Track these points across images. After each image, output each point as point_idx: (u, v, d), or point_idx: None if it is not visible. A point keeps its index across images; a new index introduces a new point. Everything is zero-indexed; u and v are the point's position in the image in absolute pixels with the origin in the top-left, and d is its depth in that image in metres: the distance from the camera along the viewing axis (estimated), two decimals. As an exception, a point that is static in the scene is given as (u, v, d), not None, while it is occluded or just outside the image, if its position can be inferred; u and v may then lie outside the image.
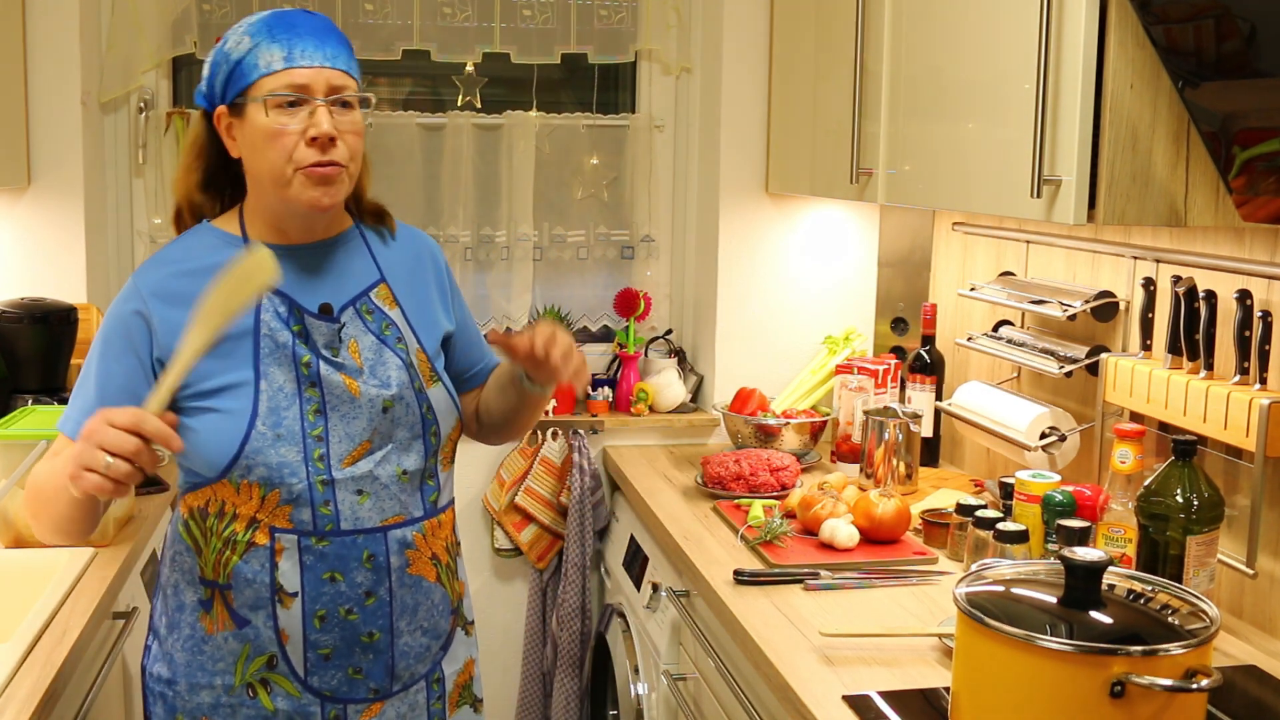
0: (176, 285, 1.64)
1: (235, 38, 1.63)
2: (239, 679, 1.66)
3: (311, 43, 1.61)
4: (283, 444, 1.61)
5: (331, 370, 1.65)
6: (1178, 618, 1.42)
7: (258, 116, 1.60)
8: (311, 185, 1.60)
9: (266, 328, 1.64)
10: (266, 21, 1.63)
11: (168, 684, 1.70)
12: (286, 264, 1.64)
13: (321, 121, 1.59)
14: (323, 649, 1.66)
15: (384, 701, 1.71)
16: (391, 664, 1.70)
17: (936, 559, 2.23)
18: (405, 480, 1.69)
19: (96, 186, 2.95)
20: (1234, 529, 1.98)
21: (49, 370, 2.56)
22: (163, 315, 1.63)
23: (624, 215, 3.31)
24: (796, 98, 2.91)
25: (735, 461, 2.64)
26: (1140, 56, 1.78)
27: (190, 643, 1.68)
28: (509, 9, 3.17)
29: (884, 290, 3.20)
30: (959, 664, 1.47)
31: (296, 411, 1.63)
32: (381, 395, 1.67)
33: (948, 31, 2.17)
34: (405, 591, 1.70)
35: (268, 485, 1.62)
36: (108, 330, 1.66)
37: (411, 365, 1.71)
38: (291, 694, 1.66)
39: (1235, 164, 1.74)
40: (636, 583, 2.69)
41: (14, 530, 2.21)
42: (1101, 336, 2.37)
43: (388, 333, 1.71)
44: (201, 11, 3.04)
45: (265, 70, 1.59)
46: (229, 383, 1.62)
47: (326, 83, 1.61)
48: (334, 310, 1.69)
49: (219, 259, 1.60)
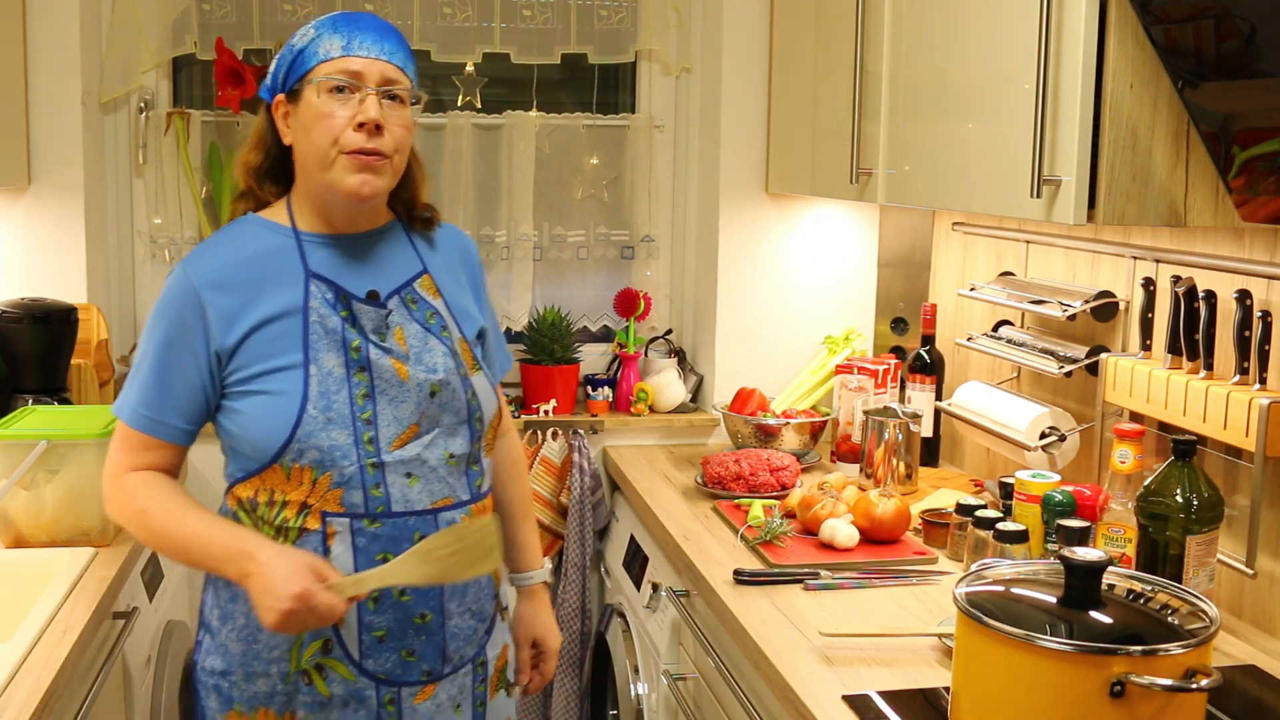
0: (227, 273, 1.69)
1: (301, 31, 1.70)
2: (294, 666, 1.69)
3: (371, 36, 1.68)
4: (333, 427, 1.65)
5: (381, 354, 1.69)
6: (1177, 618, 1.42)
7: (310, 99, 1.66)
8: (354, 170, 1.65)
9: (316, 314, 1.68)
10: (333, 17, 1.71)
11: (222, 675, 1.71)
12: (332, 252, 1.72)
13: (370, 108, 1.64)
14: (377, 631, 1.69)
15: (436, 684, 1.73)
16: (443, 645, 1.73)
17: (936, 559, 2.23)
18: (453, 464, 1.73)
19: (96, 186, 2.95)
20: (1234, 529, 1.98)
21: (49, 370, 2.56)
22: (215, 303, 1.67)
23: (624, 215, 3.31)
24: (796, 98, 2.91)
25: (735, 461, 2.64)
26: (1140, 56, 1.78)
27: (245, 632, 1.70)
28: (509, 9, 3.17)
29: (884, 290, 3.20)
30: (959, 664, 1.47)
31: (346, 395, 1.66)
32: (429, 380, 1.71)
33: (948, 31, 2.17)
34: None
35: (319, 468, 1.65)
36: (163, 321, 1.69)
37: (455, 353, 1.75)
38: (347, 678, 1.69)
39: (1235, 164, 1.74)
40: (636, 583, 2.69)
41: (14, 530, 2.21)
42: (1101, 336, 2.37)
43: (432, 321, 1.76)
44: (201, 11, 3.04)
45: (323, 57, 1.66)
46: (279, 365, 1.66)
47: (380, 74, 1.67)
48: (380, 297, 1.73)
49: (268, 245, 1.70)
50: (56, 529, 2.21)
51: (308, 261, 1.71)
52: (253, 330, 1.66)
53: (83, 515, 2.22)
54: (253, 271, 1.68)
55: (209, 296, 1.67)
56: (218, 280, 1.68)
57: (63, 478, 2.20)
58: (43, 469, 2.19)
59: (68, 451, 2.20)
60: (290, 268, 1.70)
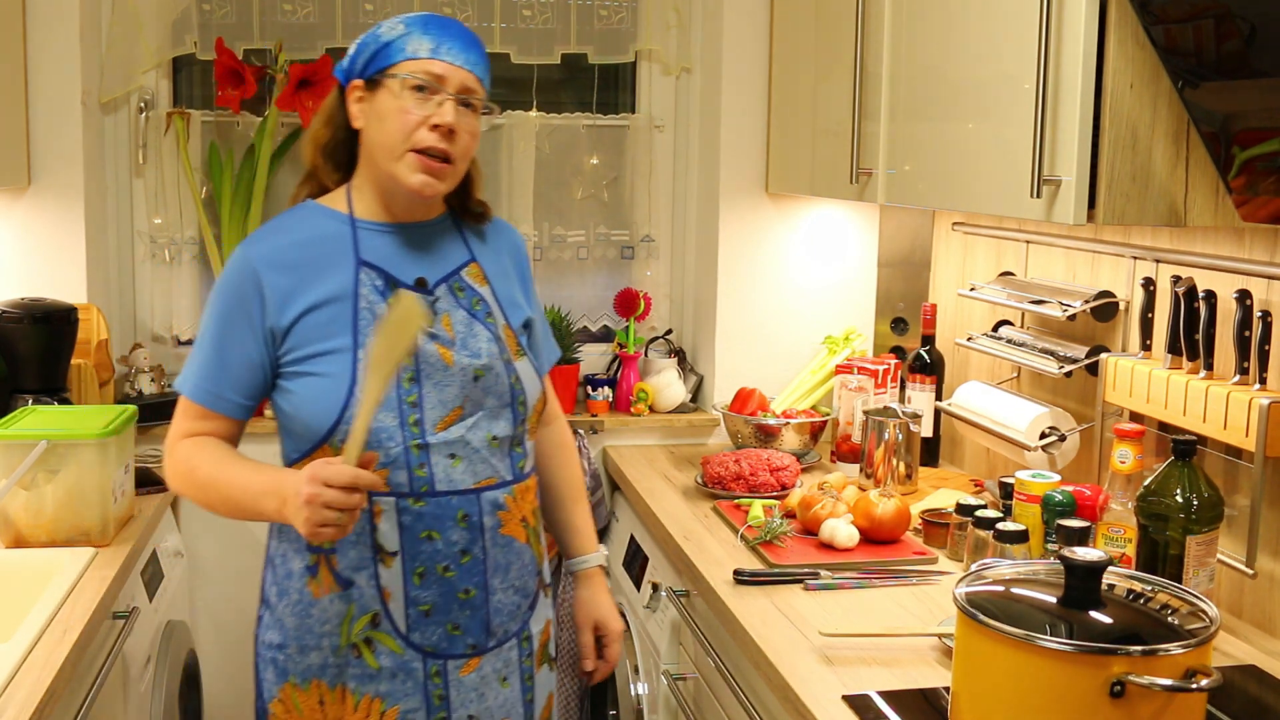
0: (285, 255, 1.76)
1: (390, 24, 1.77)
2: (345, 639, 1.76)
3: (459, 44, 1.75)
4: (380, 410, 1.70)
5: (426, 340, 1.75)
6: (1177, 618, 1.42)
7: (391, 92, 1.72)
8: (418, 169, 1.73)
9: (365, 300, 1.75)
10: (424, 17, 1.78)
11: (278, 648, 1.79)
12: (385, 240, 1.80)
13: (447, 113, 1.72)
14: (423, 605, 1.75)
15: (480, 657, 1.80)
16: (487, 620, 1.80)
17: (936, 559, 2.23)
18: (496, 445, 1.79)
19: (96, 186, 2.95)
20: (1234, 529, 1.98)
21: (49, 370, 2.56)
22: (273, 283, 1.74)
23: (624, 215, 3.31)
24: (796, 98, 2.91)
25: (735, 461, 2.64)
26: (1140, 56, 1.78)
27: (299, 607, 1.77)
28: (509, 9, 3.17)
29: (884, 290, 3.20)
30: (959, 664, 1.47)
31: (392, 379, 1.70)
32: (473, 365, 1.77)
33: (948, 31, 2.17)
34: (498, 551, 1.80)
35: (366, 448, 1.68)
36: (223, 299, 1.76)
37: (500, 339, 1.82)
38: (395, 651, 1.76)
39: (1235, 164, 1.74)
40: (636, 583, 2.69)
41: (14, 530, 2.21)
42: (1101, 336, 2.37)
43: (478, 308, 1.83)
44: (201, 11, 3.04)
45: (410, 55, 1.73)
46: (329, 348, 1.73)
47: (461, 81, 1.74)
48: (429, 284, 1.80)
49: (325, 231, 1.78)
50: (56, 529, 2.21)
51: (359, 249, 1.78)
52: (305, 313, 1.74)
53: (83, 515, 2.22)
54: (308, 255, 1.76)
55: (267, 276, 1.74)
56: (275, 261, 1.75)
57: (63, 478, 2.20)
58: (43, 469, 2.19)
59: (68, 451, 2.20)
60: (343, 254, 1.77)
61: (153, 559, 2.47)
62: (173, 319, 3.12)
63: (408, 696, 1.77)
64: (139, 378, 2.94)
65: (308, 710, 1.78)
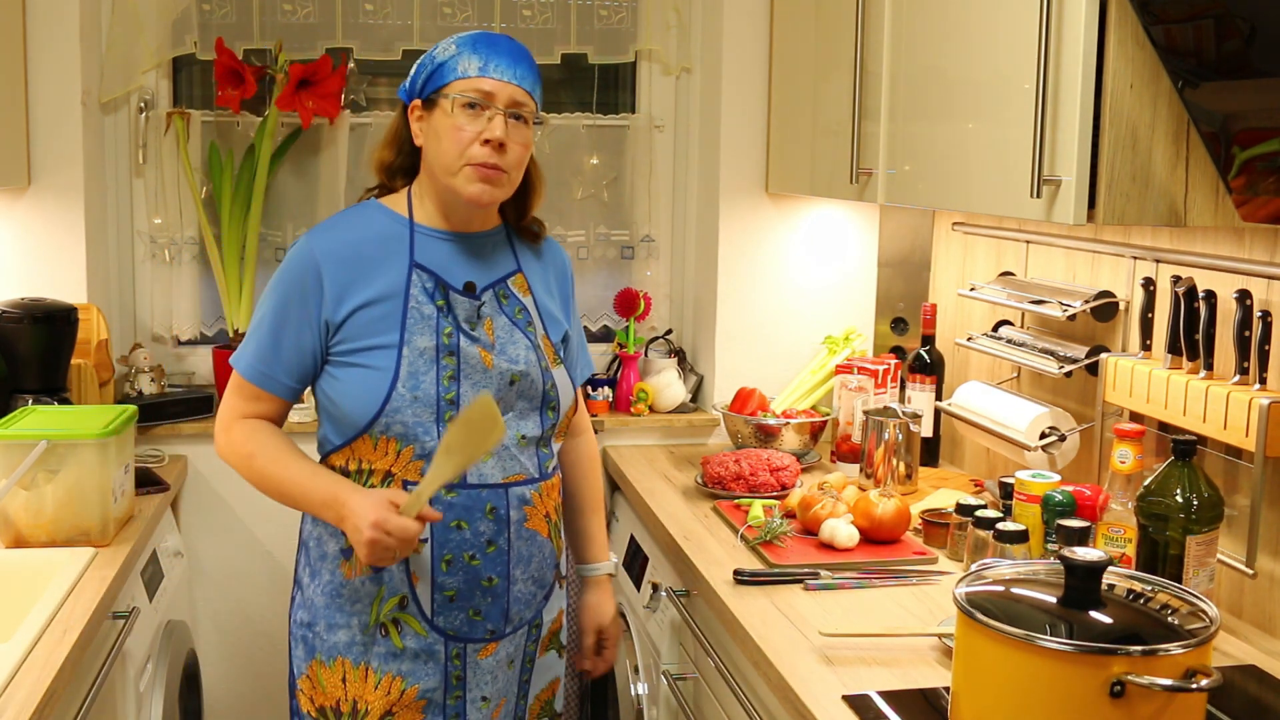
0: (345, 250, 1.85)
1: (443, 45, 1.88)
2: (373, 619, 1.86)
3: (506, 60, 1.85)
4: (419, 405, 1.81)
5: (469, 343, 1.86)
6: (1177, 618, 1.42)
7: (444, 111, 1.83)
8: (475, 180, 1.83)
9: (414, 300, 1.85)
10: (474, 36, 1.88)
11: (308, 627, 1.90)
12: (441, 246, 1.90)
13: (496, 128, 1.81)
14: (448, 591, 1.85)
15: (497, 642, 1.92)
16: (507, 608, 1.90)
17: (936, 559, 2.23)
18: (524, 445, 1.90)
19: (96, 186, 2.95)
20: (1234, 529, 1.98)
21: (49, 370, 2.56)
22: (333, 276, 1.83)
23: (624, 215, 3.31)
24: (796, 98, 2.91)
25: (735, 461, 2.64)
26: (1140, 56, 1.78)
27: (330, 587, 1.88)
28: (509, 9, 3.17)
29: (884, 290, 3.20)
30: (959, 664, 1.47)
31: (433, 377, 1.82)
32: (511, 370, 1.88)
33: (948, 31, 2.17)
34: (521, 543, 1.90)
35: (403, 441, 1.82)
36: (283, 287, 1.86)
37: (538, 347, 1.93)
38: (419, 633, 1.86)
39: (1235, 164, 1.74)
40: (636, 583, 2.69)
41: (14, 530, 2.21)
42: (1101, 336, 2.37)
43: (520, 316, 1.93)
44: (201, 11, 3.04)
45: (460, 74, 1.83)
46: (377, 343, 1.82)
47: (510, 97, 1.83)
48: (476, 289, 1.90)
49: (384, 231, 1.88)
50: (56, 529, 2.21)
51: (414, 252, 1.87)
52: (360, 308, 1.83)
53: (83, 515, 2.22)
54: (366, 252, 1.85)
55: (328, 269, 1.83)
56: (337, 255, 1.84)
57: (63, 478, 2.20)
58: (43, 469, 2.19)
59: (68, 451, 2.20)
60: (398, 255, 1.87)
61: (153, 559, 2.47)
62: (173, 319, 3.12)
63: (428, 677, 1.87)
64: (139, 378, 2.94)
65: (330, 687, 1.87)
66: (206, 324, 3.19)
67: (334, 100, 3.00)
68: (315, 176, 3.14)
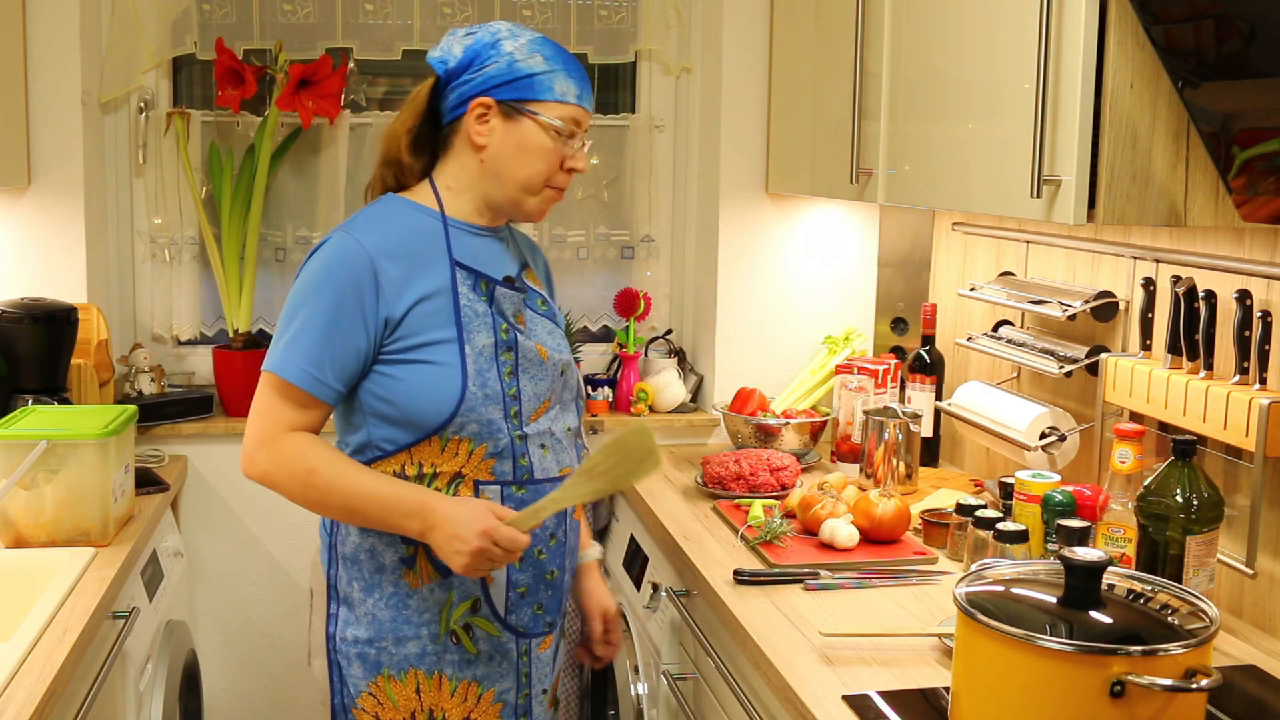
0: (393, 245, 1.79)
1: (520, 47, 1.81)
2: (444, 627, 1.83)
3: (589, 88, 1.87)
4: (490, 402, 1.79)
5: (524, 336, 1.86)
6: (1177, 618, 1.42)
7: (538, 129, 1.81)
8: (548, 203, 1.87)
9: (465, 298, 1.81)
10: (558, 51, 1.84)
11: (369, 643, 1.83)
12: (473, 241, 1.87)
13: (582, 159, 1.86)
14: (520, 587, 1.87)
15: (551, 634, 1.95)
16: (561, 599, 1.95)
17: (936, 559, 2.23)
18: (569, 436, 1.93)
19: (96, 186, 2.95)
20: (1234, 529, 1.98)
21: (49, 370, 2.56)
22: (388, 271, 1.77)
23: (624, 215, 3.31)
24: (796, 98, 2.91)
25: (735, 461, 2.64)
26: (1140, 56, 1.78)
27: (394, 600, 1.82)
28: (509, 9, 3.17)
29: (884, 290, 3.20)
30: (959, 664, 1.47)
31: (496, 373, 1.80)
32: (560, 360, 1.90)
33: (947, 31, 2.17)
34: (572, 535, 1.96)
35: (476, 440, 1.79)
36: (333, 285, 1.76)
37: (565, 336, 1.96)
38: (492, 634, 1.86)
39: (1235, 164, 1.74)
40: (636, 583, 2.69)
41: (14, 530, 2.21)
42: (1101, 336, 2.37)
43: (543, 308, 1.95)
44: (201, 11, 3.04)
45: (560, 97, 1.81)
46: (438, 338, 1.78)
47: (588, 123, 1.87)
48: (514, 281, 1.90)
49: (421, 225, 1.83)
50: (56, 529, 2.21)
51: (452, 249, 1.83)
52: (417, 302, 1.78)
53: (83, 515, 2.22)
54: (412, 246, 1.80)
55: (382, 264, 1.77)
56: (388, 250, 1.78)
57: (63, 478, 2.20)
58: (43, 469, 2.19)
59: (68, 451, 2.20)
60: (438, 250, 1.82)
61: (153, 559, 2.47)
62: (173, 319, 3.12)
63: (503, 678, 1.87)
64: (139, 378, 2.94)
65: (403, 701, 1.83)
66: (206, 324, 3.19)
67: (334, 100, 3.00)
68: (315, 176, 3.14)
